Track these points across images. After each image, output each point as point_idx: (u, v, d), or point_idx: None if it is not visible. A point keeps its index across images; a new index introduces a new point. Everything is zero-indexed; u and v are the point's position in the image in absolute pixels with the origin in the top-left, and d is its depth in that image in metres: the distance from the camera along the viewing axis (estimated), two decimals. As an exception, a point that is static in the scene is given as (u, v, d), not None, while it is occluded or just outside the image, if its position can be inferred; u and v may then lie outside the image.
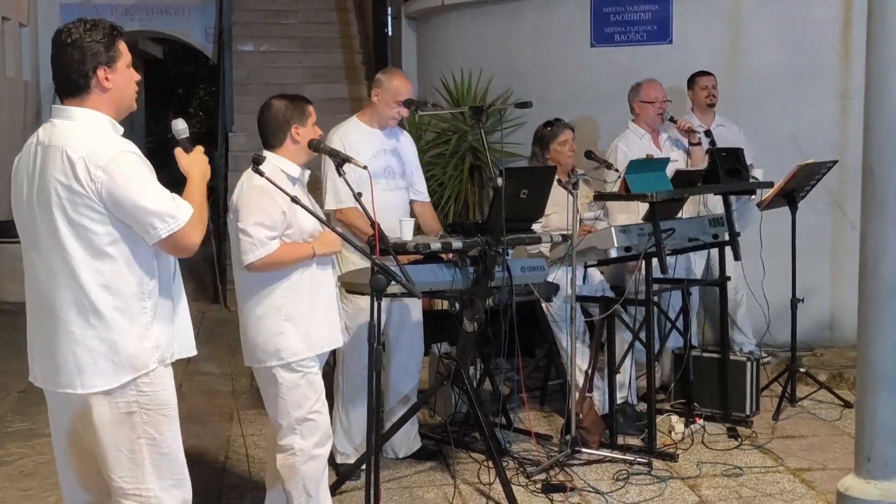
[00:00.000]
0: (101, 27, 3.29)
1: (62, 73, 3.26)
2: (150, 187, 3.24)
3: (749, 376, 6.25)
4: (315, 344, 4.28)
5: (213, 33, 14.02)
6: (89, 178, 3.15)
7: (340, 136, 5.33)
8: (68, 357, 3.27)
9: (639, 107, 6.68)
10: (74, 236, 3.21)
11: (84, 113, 3.26)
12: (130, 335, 3.29)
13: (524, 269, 5.32)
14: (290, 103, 4.41)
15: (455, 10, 9.43)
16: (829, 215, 7.86)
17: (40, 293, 3.29)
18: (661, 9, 8.13)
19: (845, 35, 7.80)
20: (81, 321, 3.25)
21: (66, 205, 3.19)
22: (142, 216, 3.21)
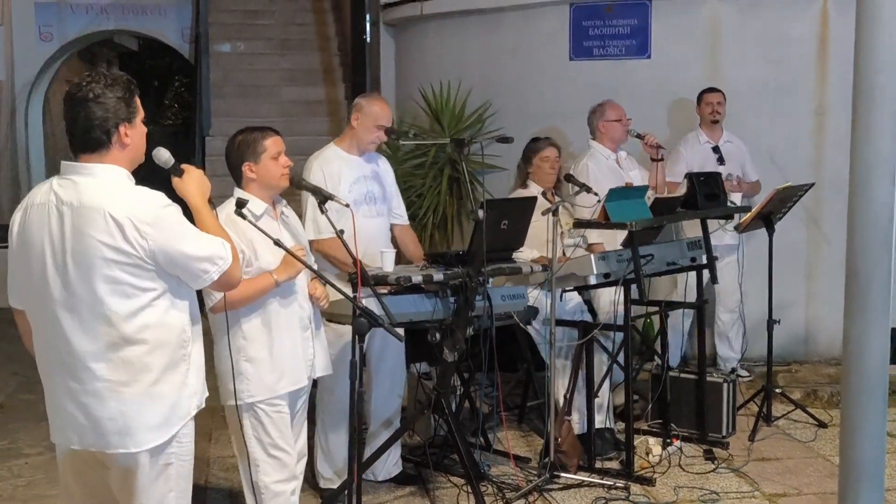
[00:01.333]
0: (120, 83, 3.28)
1: (81, 128, 3.23)
2: (195, 235, 3.30)
3: (725, 397, 6.33)
4: (276, 385, 4.30)
5: (189, 34, 13.93)
6: (139, 236, 3.16)
7: (320, 164, 5.31)
8: (117, 417, 3.25)
9: (604, 126, 6.67)
10: (119, 295, 3.20)
11: (106, 169, 3.24)
12: (174, 386, 3.32)
13: (504, 298, 5.36)
14: (243, 139, 4.40)
15: (434, 20, 9.41)
16: (804, 231, 7.93)
17: (74, 356, 3.23)
18: (640, 23, 8.16)
19: (822, 52, 7.86)
20: (129, 378, 3.24)
21: (113, 266, 3.17)
22: (194, 264, 3.27)
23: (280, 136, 4.47)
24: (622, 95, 7.12)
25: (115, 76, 3.30)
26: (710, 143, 7.30)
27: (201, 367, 3.45)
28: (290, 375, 4.36)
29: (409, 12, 9.67)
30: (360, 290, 4.32)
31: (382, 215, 5.50)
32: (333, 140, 5.54)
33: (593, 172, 6.48)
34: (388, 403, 5.65)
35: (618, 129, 6.64)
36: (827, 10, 7.82)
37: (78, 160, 3.26)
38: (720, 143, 7.28)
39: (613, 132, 6.66)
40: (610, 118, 6.65)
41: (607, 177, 6.46)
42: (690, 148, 7.29)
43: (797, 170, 7.62)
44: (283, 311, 4.33)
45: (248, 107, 12.11)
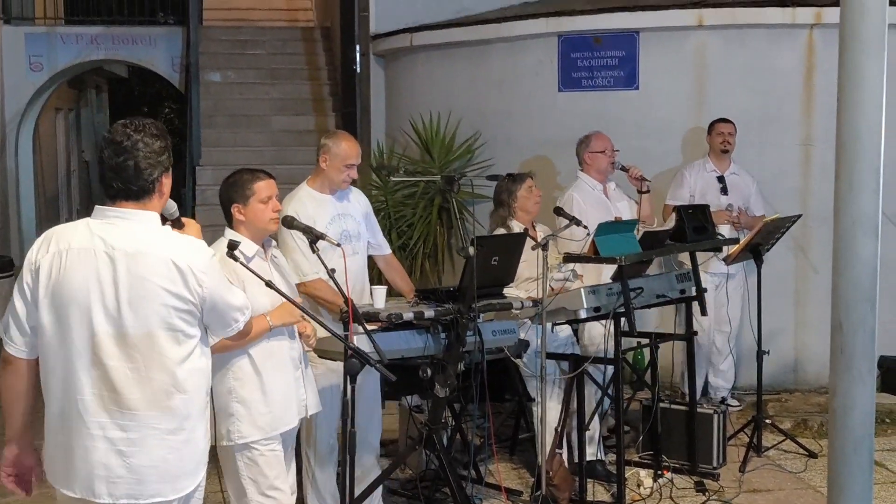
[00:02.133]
0: (164, 134, 3.32)
1: (126, 176, 3.22)
2: (229, 285, 3.46)
3: (716, 428, 6.34)
4: (267, 426, 4.31)
5: (179, 63, 13.96)
6: (197, 283, 3.22)
7: (295, 207, 5.22)
8: (159, 464, 3.25)
9: (590, 157, 6.69)
10: (174, 342, 3.24)
11: (150, 216, 3.27)
12: (204, 431, 3.39)
13: (495, 333, 5.37)
14: (233, 181, 4.43)
15: (423, 51, 9.48)
16: (792, 260, 7.99)
17: (121, 404, 3.20)
18: (628, 55, 8.23)
19: (808, 83, 7.94)
20: (175, 426, 3.26)
21: (172, 312, 3.21)
22: (230, 313, 3.40)
23: (273, 180, 4.47)
24: (610, 126, 7.17)
25: (159, 126, 3.33)
26: (716, 173, 7.31)
27: (211, 412, 3.53)
28: (282, 416, 4.36)
29: (399, 43, 9.74)
30: (352, 328, 4.34)
31: (359, 252, 5.47)
32: (305, 180, 5.51)
33: (578, 203, 6.49)
34: (367, 436, 5.59)
35: (603, 160, 6.66)
36: (813, 41, 7.91)
37: (115, 205, 3.25)
38: (726, 174, 7.32)
39: (599, 163, 6.68)
40: (595, 149, 6.67)
41: (594, 208, 6.49)
42: (695, 174, 7.32)
43: (784, 200, 7.68)
44: (275, 352, 4.34)
45: (238, 136, 12.15)
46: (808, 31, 7.93)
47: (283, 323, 4.30)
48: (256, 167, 4.61)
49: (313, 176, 5.45)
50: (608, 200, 6.71)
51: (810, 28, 7.91)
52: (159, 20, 14.58)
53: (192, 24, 12.62)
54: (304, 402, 4.49)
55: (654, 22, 8.21)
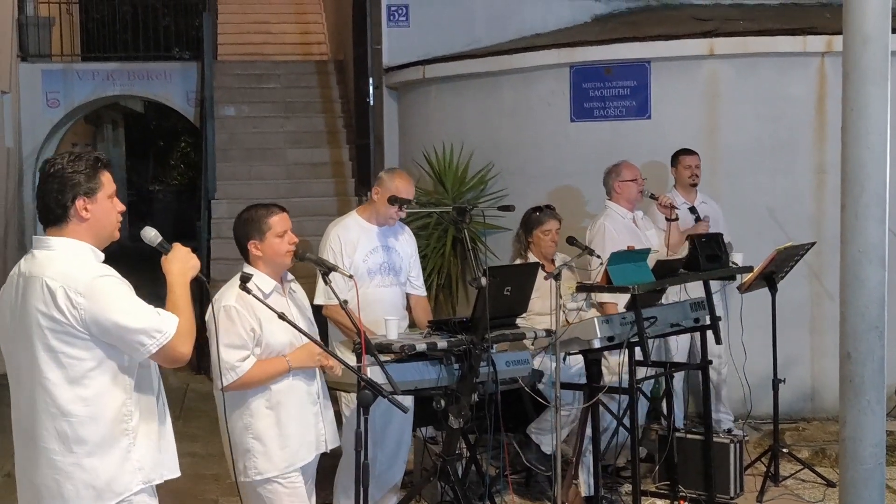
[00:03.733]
0: (84, 159, 3.35)
1: (43, 202, 3.33)
2: (132, 306, 3.28)
3: (732, 458, 6.30)
4: (283, 462, 4.31)
5: (194, 97, 14.07)
6: (70, 305, 3.20)
7: (338, 231, 5.40)
8: (51, 485, 3.30)
9: (620, 186, 6.75)
10: (55, 363, 3.25)
11: (63, 242, 3.31)
12: (112, 460, 3.32)
13: (509, 363, 5.36)
14: (248, 217, 4.44)
15: (436, 83, 9.53)
16: (807, 287, 7.96)
17: (20, 423, 3.35)
18: (640, 85, 8.26)
19: (820, 110, 7.94)
20: (63, 448, 3.28)
21: (48, 333, 3.23)
22: (128, 336, 3.26)
23: (287, 213, 4.49)
24: (623, 156, 7.18)
25: (81, 153, 3.39)
26: (687, 204, 7.27)
27: (152, 442, 3.42)
28: (297, 451, 4.37)
29: (412, 76, 9.79)
30: (364, 359, 4.35)
31: (397, 285, 5.55)
32: (356, 208, 5.59)
33: (610, 232, 6.54)
34: (392, 470, 5.64)
35: (633, 189, 6.71)
36: (824, 69, 7.92)
37: (45, 233, 3.36)
38: (696, 204, 7.30)
39: (629, 192, 6.73)
40: (625, 178, 6.73)
41: (624, 236, 6.51)
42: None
43: (798, 226, 7.67)
44: (292, 388, 4.35)
45: (253, 169, 12.21)
46: (819, 59, 7.94)
47: (301, 366, 4.32)
48: (269, 201, 4.62)
49: (365, 205, 5.63)
50: (638, 229, 6.73)
51: (822, 56, 7.92)
52: (174, 55, 14.73)
53: (206, 59, 12.71)
54: (323, 437, 4.49)
55: (665, 52, 8.24)
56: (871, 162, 2.25)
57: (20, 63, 13.92)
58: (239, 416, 4.26)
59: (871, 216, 2.25)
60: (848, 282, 2.30)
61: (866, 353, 2.20)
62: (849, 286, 2.29)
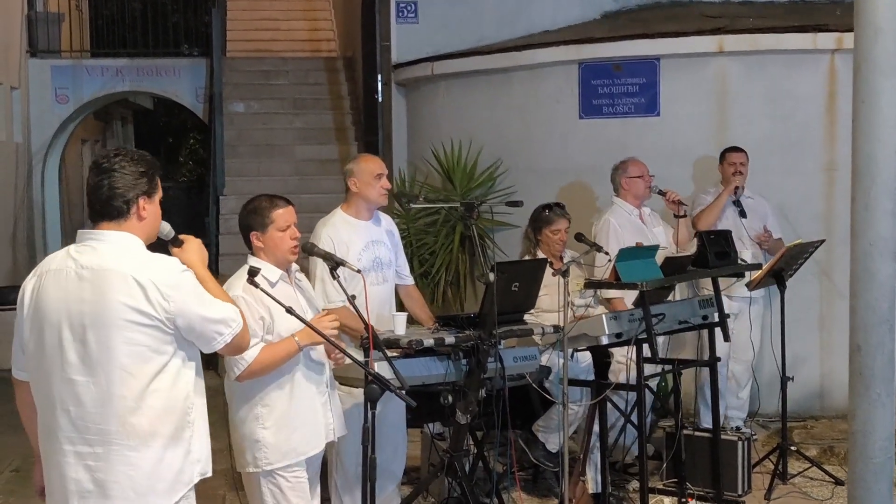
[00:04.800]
0: (145, 160, 3.39)
1: (103, 196, 3.31)
2: (211, 299, 3.37)
3: (740, 455, 6.28)
4: (291, 452, 4.30)
5: (203, 94, 14.09)
6: (162, 298, 3.22)
7: (328, 232, 5.32)
8: (124, 481, 3.27)
9: (627, 183, 6.73)
10: (137, 357, 3.25)
11: (124, 237, 3.32)
12: (180, 451, 3.35)
13: (517, 359, 5.36)
14: (252, 208, 4.42)
15: (444, 80, 9.52)
16: (817, 285, 7.93)
17: (87, 419, 3.25)
18: (649, 82, 8.24)
19: (830, 107, 7.91)
20: (139, 443, 3.26)
21: (134, 327, 3.22)
22: (210, 327, 3.33)
23: (292, 207, 4.46)
24: (632, 153, 7.16)
25: (142, 154, 3.41)
26: (732, 197, 7.27)
27: (205, 435, 3.46)
28: (308, 442, 4.37)
29: (420, 72, 9.78)
30: (372, 355, 4.34)
31: (388, 281, 5.52)
32: (339, 206, 5.56)
33: (614, 228, 6.52)
34: (392, 466, 5.60)
35: (640, 185, 6.69)
36: (835, 66, 7.89)
37: (96, 227, 3.34)
38: (741, 198, 7.28)
39: (636, 189, 6.71)
40: (633, 174, 6.71)
41: (631, 233, 6.50)
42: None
43: (808, 225, 7.65)
44: (302, 379, 4.35)
45: (262, 166, 12.22)
46: (829, 56, 7.91)
47: (310, 341, 4.26)
48: (275, 194, 4.60)
49: (347, 202, 5.52)
50: (644, 226, 6.71)
51: (832, 53, 7.89)
52: (183, 52, 14.76)
53: (215, 56, 12.73)
54: (331, 427, 4.49)
55: (674, 49, 8.22)
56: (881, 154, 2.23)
57: (29, 59, 13.97)
58: (250, 408, 4.26)
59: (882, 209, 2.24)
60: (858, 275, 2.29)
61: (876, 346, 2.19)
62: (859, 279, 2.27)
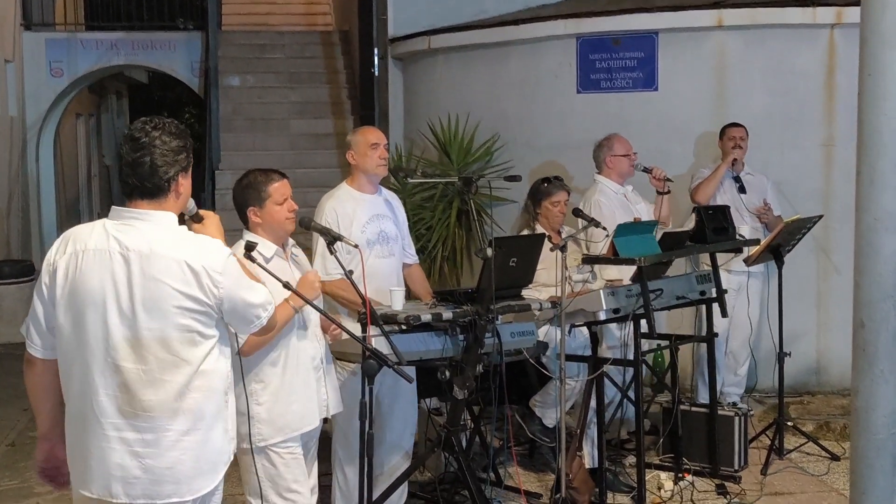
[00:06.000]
0: (183, 132, 3.30)
1: (143, 173, 3.21)
2: (251, 283, 3.39)
3: (737, 431, 6.30)
4: (286, 427, 4.31)
5: (198, 68, 14.01)
6: (212, 284, 3.20)
7: (333, 205, 5.32)
8: (175, 465, 3.24)
9: (611, 161, 6.62)
10: (189, 343, 3.22)
11: (165, 216, 3.26)
12: (221, 432, 3.35)
13: (514, 335, 5.34)
14: (248, 182, 4.40)
15: (442, 54, 9.46)
16: (814, 261, 7.92)
17: (135, 406, 3.20)
18: (648, 56, 8.18)
19: (829, 83, 7.87)
20: (188, 427, 3.25)
21: (186, 313, 3.20)
22: (251, 310, 3.35)
23: (287, 180, 4.46)
24: (630, 128, 7.14)
25: (178, 126, 3.31)
26: (731, 173, 7.24)
27: (234, 412, 3.48)
28: (303, 417, 4.36)
29: (417, 46, 9.72)
30: (370, 330, 4.33)
31: (394, 255, 5.48)
32: (345, 180, 5.54)
33: (606, 207, 6.48)
34: (401, 442, 5.61)
35: (625, 164, 6.62)
36: (834, 41, 7.85)
37: (131, 204, 3.25)
38: (741, 174, 7.26)
39: (621, 167, 6.64)
40: (618, 153, 6.63)
41: (618, 211, 6.46)
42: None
43: (806, 201, 7.62)
44: (296, 354, 4.34)
45: (257, 140, 12.17)
46: (828, 30, 7.87)
47: (301, 303, 4.18)
48: (269, 167, 4.58)
49: (351, 176, 5.51)
50: (629, 203, 6.68)
51: (831, 28, 7.85)
52: (179, 25, 14.63)
53: (211, 29, 12.65)
54: (325, 403, 4.49)
55: (673, 23, 8.16)
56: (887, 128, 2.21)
57: (24, 32, 13.86)
58: (245, 384, 4.24)
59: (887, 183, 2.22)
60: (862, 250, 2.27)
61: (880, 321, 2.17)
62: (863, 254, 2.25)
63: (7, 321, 9.63)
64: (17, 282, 10.55)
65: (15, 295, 10.31)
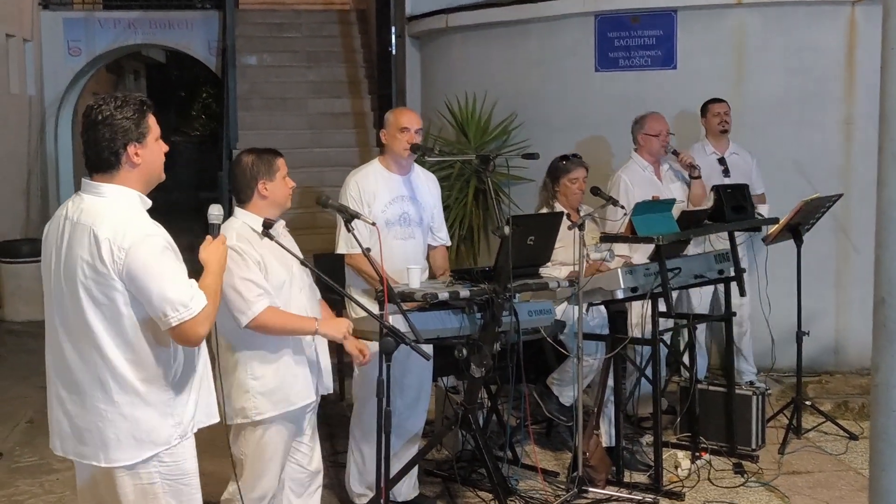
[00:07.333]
0: (131, 103, 3.32)
1: (93, 149, 3.30)
2: (169, 274, 3.24)
3: (754, 410, 6.27)
4: (281, 402, 4.31)
5: (216, 46, 14.01)
6: (112, 258, 3.19)
7: (357, 180, 5.32)
8: (93, 431, 3.31)
9: (643, 139, 6.69)
10: (100, 315, 3.25)
11: (113, 189, 3.29)
12: (153, 412, 3.33)
13: (531, 313, 5.33)
14: (257, 158, 4.39)
15: (459, 32, 9.44)
16: (833, 240, 7.88)
17: (65, 367, 3.33)
18: (666, 34, 8.14)
19: (850, 61, 7.81)
20: (106, 397, 3.29)
21: (92, 284, 3.22)
22: (156, 302, 3.22)
23: None
24: (648, 106, 7.09)
25: (127, 97, 3.35)
26: (716, 155, 7.19)
27: (191, 396, 3.43)
28: (296, 392, 4.35)
29: (434, 25, 9.70)
30: (387, 307, 4.33)
31: (416, 237, 5.45)
32: (378, 157, 5.54)
33: (626, 184, 6.49)
34: (412, 420, 5.61)
35: (655, 143, 6.63)
36: (855, 18, 7.78)
37: (93, 180, 3.33)
38: (726, 155, 7.20)
39: (651, 146, 6.65)
40: (649, 132, 6.64)
41: (641, 188, 6.45)
42: (696, 158, 7.07)
43: (824, 179, 7.58)
44: None
45: (274, 119, 12.17)
46: (849, 7, 7.81)
47: (328, 334, 4.33)
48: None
49: (382, 154, 5.51)
50: (659, 182, 6.66)
51: (852, 5, 7.79)
52: (196, 4, 14.64)
53: (228, 8, 12.62)
54: (318, 379, 4.47)
55: (692, 0, 8.11)
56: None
57: (42, 11, 13.88)
58: (239, 359, 4.26)
59: (912, 155, 2.20)
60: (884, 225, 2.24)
61: (903, 295, 2.16)
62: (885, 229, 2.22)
63: (26, 300, 9.70)
64: (36, 260, 10.54)
65: (33, 273, 10.33)
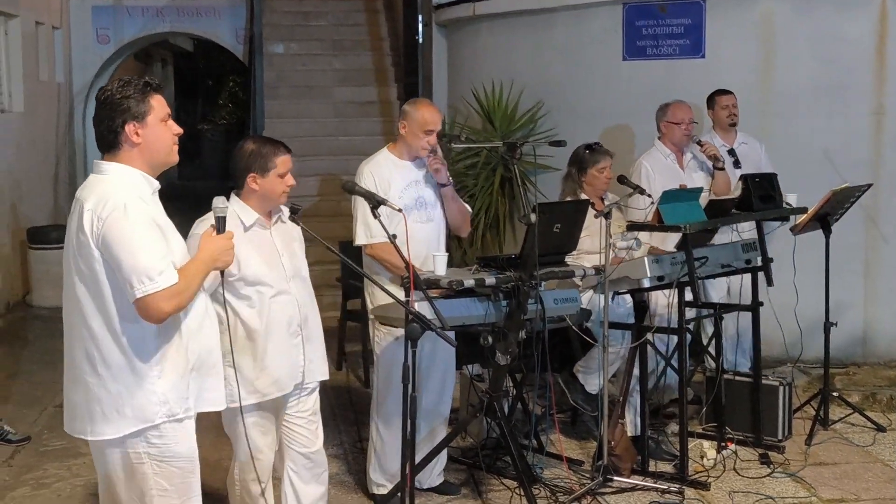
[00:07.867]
0: (133, 83, 3.36)
1: (97, 129, 3.39)
2: (141, 245, 3.23)
3: (781, 400, 6.25)
4: (260, 390, 4.30)
5: (243, 35, 14.05)
6: (91, 228, 3.25)
7: (370, 169, 5.30)
8: (81, 404, 3.39)
9: (665, 127, 6.65)
10: (83, 288, 3.32)
11: (115, 167, 3.36)
12: (136, 388, 3.35)
13: (557, 301, 5.33)
14: (256, 150, 4.30)
15: (486, 20, 9.42)
16: (862, 230, 7.82)
17: (68, 344, 3.44)
18: (694, 23, 8.10)
19: (880, 50, 7.75)
20: (91, 370, 3.35)
21: (78, 256, 3.31)
22: (125, 271, 3.22)
23: (290, 155, 4.36)
24: (675, 95, 7.04)
25: (130, 79, 3.40)
26: (726, 146, 7.12)
27: (181, 377, 3.43)
28: (275, 381, 4.33)
29: (461, 13, 9.69)
30: (413, 294, 4.32)
31: (433, 220, 5.43)
32: (387, 145, 5.52)
33: (647, 171, 6.47)
34: (438, 407, 5.60)
35: (677, 132, 6.60)
36: (886, 7, 7.71)
37: (102, 160, 3.41)
38: (735, 146, 7.13)
39: (673, 135, 6.63)
40: (672, 120, 6.61)
41: (663, 176, 6.43)
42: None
43: (853, 169, 7.52)
44: (271, 319, 4.30)
45: (301, 107, 12.19)
46: (880, -3, 7.74)
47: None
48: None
49: (394, 142, 5.47)
50: (681, 171, 6.63)
51: (882, -6, 7.72)
52: (223, -8, 14.65)
53: (255, -4, 12.66)
54: (300, 370, 4.41)
55: (720, -11, 8.06)
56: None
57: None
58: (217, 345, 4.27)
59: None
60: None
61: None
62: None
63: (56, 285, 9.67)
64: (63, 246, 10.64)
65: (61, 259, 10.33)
